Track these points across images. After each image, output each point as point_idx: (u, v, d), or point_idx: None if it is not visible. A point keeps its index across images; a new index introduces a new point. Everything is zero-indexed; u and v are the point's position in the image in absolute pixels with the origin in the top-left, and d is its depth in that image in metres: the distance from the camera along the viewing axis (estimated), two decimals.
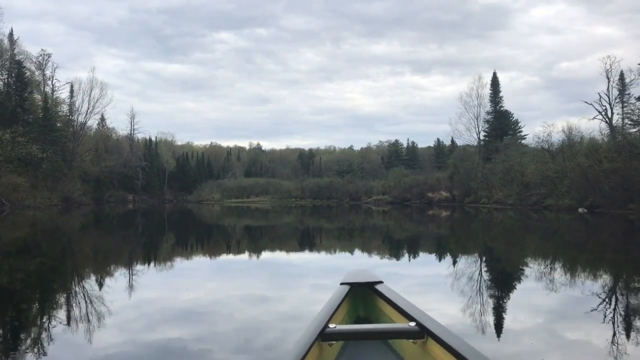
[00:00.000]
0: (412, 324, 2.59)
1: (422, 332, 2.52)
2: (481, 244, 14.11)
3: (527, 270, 8.63)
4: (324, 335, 2.52)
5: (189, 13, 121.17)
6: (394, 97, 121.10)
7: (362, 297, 3.38)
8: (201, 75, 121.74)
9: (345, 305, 3.14)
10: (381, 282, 3.35)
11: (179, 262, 9.81)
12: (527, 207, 34.03)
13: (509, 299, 6.31)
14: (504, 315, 5.29)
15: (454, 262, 10.00)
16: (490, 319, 5.04)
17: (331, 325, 2.59)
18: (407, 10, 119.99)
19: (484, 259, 10.70)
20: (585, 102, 34.97)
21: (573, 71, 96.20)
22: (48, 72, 53.00)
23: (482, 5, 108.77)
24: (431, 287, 7.07)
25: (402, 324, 2.66)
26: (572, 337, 4.53)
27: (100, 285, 7.21)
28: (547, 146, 37.05)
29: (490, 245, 14.09)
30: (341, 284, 3.34)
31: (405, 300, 2.95)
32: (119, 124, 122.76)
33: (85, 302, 5.94)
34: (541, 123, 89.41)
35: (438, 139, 76.97)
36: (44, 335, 4.55)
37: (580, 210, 28.71)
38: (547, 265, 9.34)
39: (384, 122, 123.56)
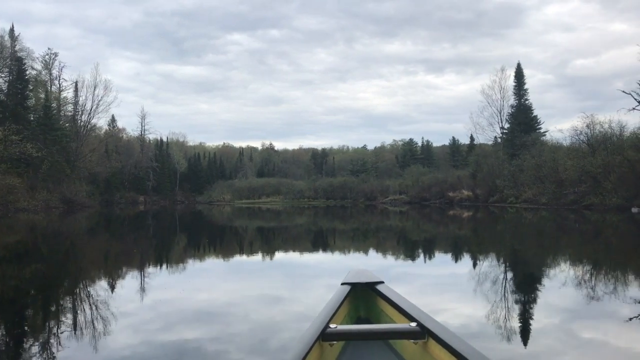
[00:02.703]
0: (413, 324, 2.55)
1: (423, 333, 2.48)
2: (507, 247, 12.96)
3: (560, 276, 7.65)
4: (324, 336, 2.50)
5: (203, 15, 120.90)
6: (407, 97, 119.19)
7: (363, 297, 3.34)
8: (215, 76, 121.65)
9: (346, 306, 3.12)
10: (382, 282, 3.29)
11: (191, 265, 9.61)
12: (564, 207, 30.39)
13: (535, 308, 5.67)
14: (530, 328, 4.70)
15: (475, 265, 9.51)
16: (513, 326, 4.65)
17: (332, 326, 2.57)
18: (420, 10, 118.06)
19: (509, 262, 9.92)
20: (624, 91, 30.84)
21: (588, 68, 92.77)
22: (55, 72, 52.13)
23: (495, 4, 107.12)
24: (446, 287, 6.86)
25: (403, 324, 2.63)
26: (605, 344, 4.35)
27: (112, 287, 7.11)
28: (585, 139, 32.81)
29: (518, 247, 12.86)
30: (342, 284, 3.30)
31: (406, 300, 2.90)
32: (132, 126, 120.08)
33: (96, 304, 5.80)
34: (556, 121, 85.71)
35: (453, 137, 75.15)
36: (54, 340, 4.44)
37: (634, 210, 24.72)
38: (587, 272, 8.36)
39: (397, 122, 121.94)
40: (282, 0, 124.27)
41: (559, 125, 53.29)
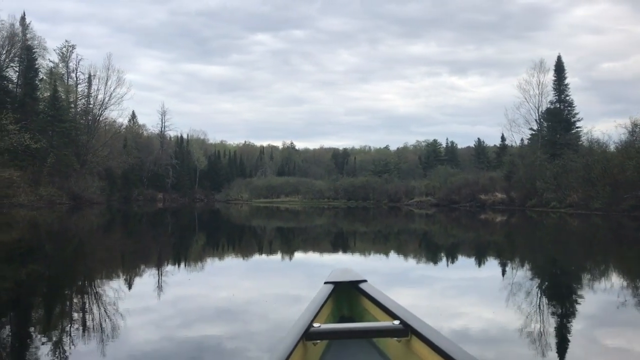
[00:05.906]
0: (396, 322, 2.51)
1: (407, 330, 2.44)
2: (548, 258, 11.13)
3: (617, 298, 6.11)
4: (308, 335, 2.46)
5: (227, 15, 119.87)
6: (429, 98, 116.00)
7: (346, 296, 3.28)
8: (239, 76, 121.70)
9: (329, 305, 3.07)
10: (365, 280, 3.23)
11: (209, 264, 9.37)
12: (622, 213, 25.42)
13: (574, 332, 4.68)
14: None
15: (503, 273, 8.72)
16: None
17: (315, 325, 2.52)
18: (444, 11, 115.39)
19: (547, 277, 8.50)
20: None
21: (616, 72, 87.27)
22: (72, 65, 50.27)
23: (520, 6, 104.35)
24: (467, 293, 6.54)
25: (386, 323, 2.58)
26: None
27: (131, 285, 7.04)
28: None
29: (560, 258, 11.11)
30: (325, 283, 3.23)
31: (389, 298, 2.86)
32: (154, 124, 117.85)
33: (115, 302, 5.71)
34: (581, 125, 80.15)
35: (479, 138, 73.78)
36: (79, 333, 4.45)
37: None
38: None
39: (419, 123, 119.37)
40: (304, 0, 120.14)
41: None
